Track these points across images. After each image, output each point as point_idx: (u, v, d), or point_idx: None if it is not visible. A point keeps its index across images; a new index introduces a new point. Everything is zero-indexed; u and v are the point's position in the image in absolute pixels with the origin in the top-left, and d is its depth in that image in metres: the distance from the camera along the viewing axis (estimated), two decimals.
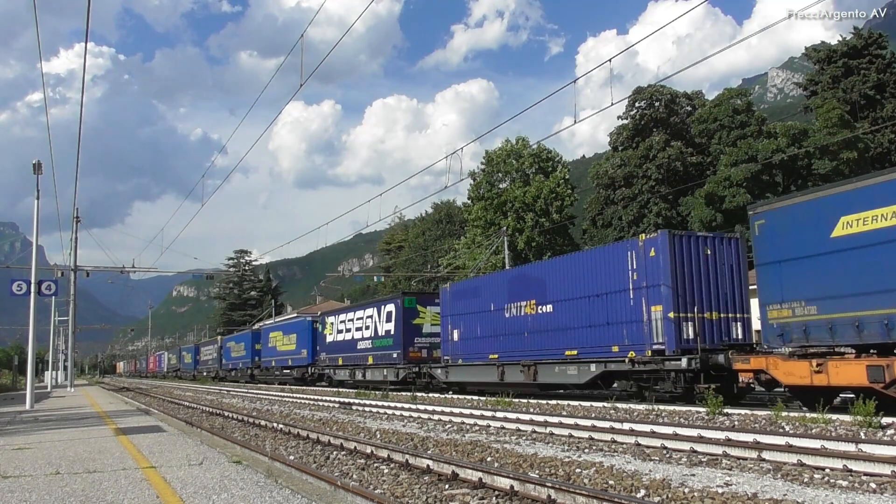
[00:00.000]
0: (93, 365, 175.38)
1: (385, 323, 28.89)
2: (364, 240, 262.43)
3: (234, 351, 56.08)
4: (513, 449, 10.15)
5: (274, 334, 44.99)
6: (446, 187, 22.71)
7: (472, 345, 23.19)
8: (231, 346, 57.90)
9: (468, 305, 23.70)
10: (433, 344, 26.89)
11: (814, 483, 7.08)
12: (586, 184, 57.47)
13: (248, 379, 50.18)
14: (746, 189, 42.20)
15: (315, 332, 37.50)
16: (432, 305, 27.50)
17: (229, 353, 57.60)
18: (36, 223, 23.47)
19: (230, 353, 57.22)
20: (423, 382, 26.75)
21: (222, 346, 60.46)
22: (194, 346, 76.09)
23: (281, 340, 43.15)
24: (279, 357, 43.21)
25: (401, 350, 27.25)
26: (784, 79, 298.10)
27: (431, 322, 27.34)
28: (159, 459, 8.71)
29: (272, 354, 44.89)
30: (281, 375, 42.61)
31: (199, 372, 68.84)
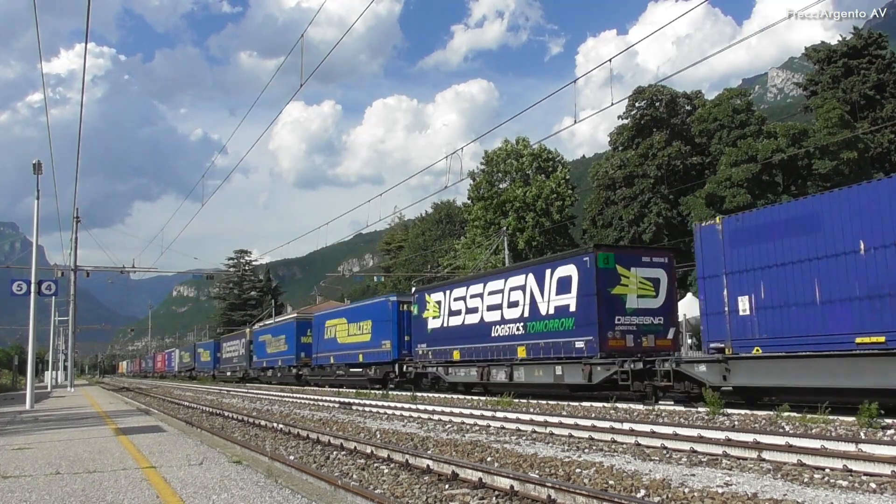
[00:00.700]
0: (93, 365, 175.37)
1: (556, 294, 19.31)
2: (364, 240, 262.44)
3: (269, 345, 46.10)
4: (513, 449, 10.15)
5: (334, 322, 36.06)
6: (446, 187, 22.63)
7: (798, 317, 13.24)
8: (266, 339, 47.32)
9: (784, 249, 13.62)
10: (644, 327, 18.03)
11: (814, 483, 7.08)
12: (586, 184, 57.48)
13: (292, 380, 41.34)
14: (747, 189, 42.21)
15: (403, 316, 28.65)
16: (641, 266, 18.38)
17: (263, 349, 47.54)
18: (36, 223, 23.48)
19: (264, 348, 47.25)
20: (644, 386, 16.47)
21: (252, 340, 50.91)
22: (214, 341, 66.48)
23: (345, 330, 34.23)
24: (342, 352, 34.44)
25: (594, 336, 17.71)
26: (784, 79, 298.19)
27: (640, 291, 18.16)
28: (159, 459, 8.71)
29: (330, 348, 36.04)
30: (348, 376, 33.70)
31: (220, 371, 60.61)
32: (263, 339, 47.75)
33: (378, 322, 30.40)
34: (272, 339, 45.79)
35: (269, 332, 47.14)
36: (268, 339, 46.79)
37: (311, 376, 39.15)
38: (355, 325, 33.15)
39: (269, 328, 49.20)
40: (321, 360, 37.57)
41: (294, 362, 40.88)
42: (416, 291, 27.89)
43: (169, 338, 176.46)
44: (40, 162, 23.05)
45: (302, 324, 40.93)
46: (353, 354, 32.94)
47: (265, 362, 46.93)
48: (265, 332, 48.73)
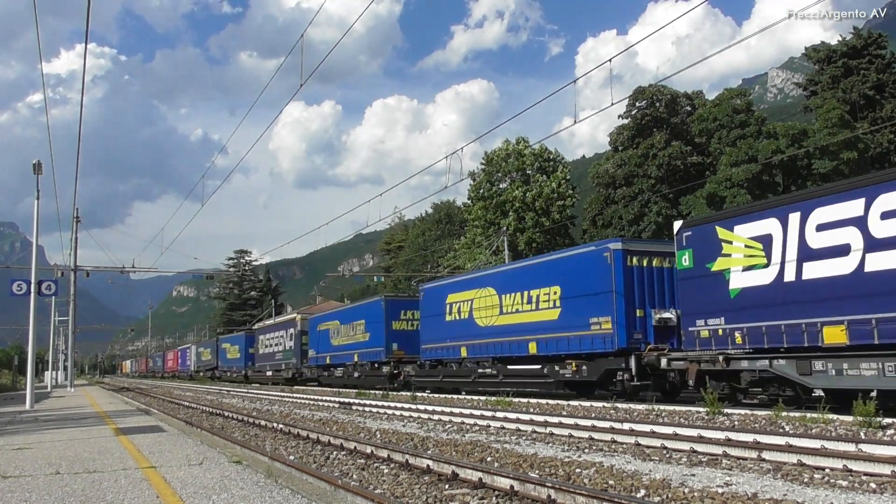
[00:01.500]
0: (93, 365, 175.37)
1: None
2: (364, 240, 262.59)
3: (335, 337, 35.30)
4: (513, 449, 10.15)
5: (467, 295, 23.85)
6: (446, 187, 22.39)
7: None
8: (331, 328, 35.96)
9: None
10: None
11: (814, 483, 7.08)
12: (586, 184, 57.48)
13: (380, 382, 29.38)
14: (747, 189, 42.22)
15: (634, 272, 17.46)
16: None
17: (324, 342, 36.79)
18: (36, 223, 23.48)
19: (325, 341, 36.68)
20: None
21: (307, 329, 40.08)
22: (245, 334, 55.41)
23: (494, 304, 22.21)
24: (489, 340, 22.27)
25: None
26: (784, 79, 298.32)
27: None
28: (159, 459, 8.71)
29: (460, 334, 23.87)
30: (510, 378, 21.42)
31: (254, 371, 50.00)
32: (326, 328, 36.94)
33: (592, 276, 18.06)
34: (341, 326, 34.77)
35: (337, 318, 35.98)
36: (333, 328, 35.72)
37: (420, 378, 26.82)
38: (521, 296, 20.95)
39: (338, 311, 38.39)
40: (437, 352, 25.29)
41: (382, 356, 29.42)
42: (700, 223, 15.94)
43: (169, 338, 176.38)
44: (40, 162, 23.05)
45: (394, 304, 29.92)
46: (518, 344, 20.75)
47: (329, 358, 36.21)
48: (324, 318, 38.21)
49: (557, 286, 19.44)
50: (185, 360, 77.92)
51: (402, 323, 29.55)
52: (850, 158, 41.76)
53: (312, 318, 40.23)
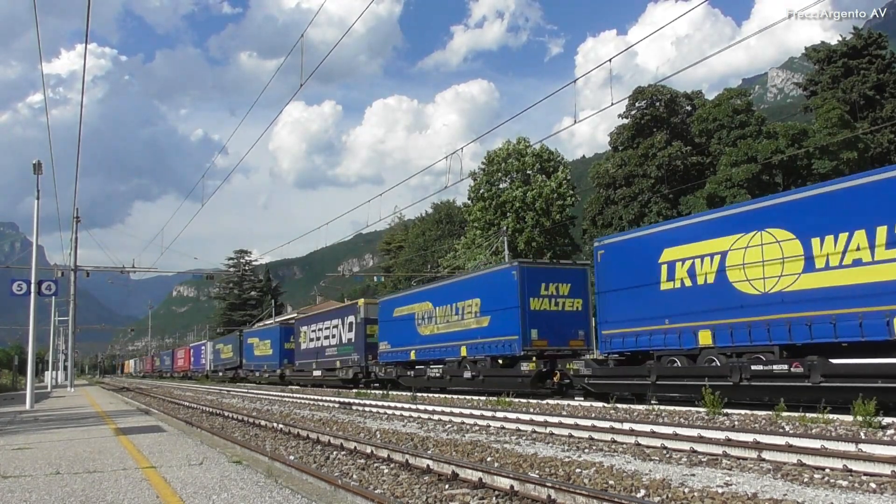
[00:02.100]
0: (93, 365, 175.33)
1: None
2: (364, 240, 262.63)
3: (426, 323, 26.03)
4: (513, 449, 10.15)
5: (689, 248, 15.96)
6: (446, 187, 22.26)
7: None
8: (415, 313, 26.80)
9: None
10: None
11: (814, 483, 7.08)
12: (586, 184, 57.48)
13: (527, 389, 20.21)
14: (747, 189, 42.22)
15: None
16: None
17: (405, 331, 27.28)
18: (36, 223, 23.48)
19: (407, 330, 27.18)
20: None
21: (372, 318, 31.09)
22: (279, 326, 46.61)
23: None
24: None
25: None
26: (784, 79, 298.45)
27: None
28: (159, 459, 8.71)
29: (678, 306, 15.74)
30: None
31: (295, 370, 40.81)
32: (408, 313, 27.19)
33: None
34: (436, 309, 25.19)
35: (428, 298, 26.20)
36: (422, 310, 26.24)
37: (604, 377, 17.88)
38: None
39: (428, 289, 27.43)
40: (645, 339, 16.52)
41: (516, 348, 20.51)
42: None
43: (169, 338, 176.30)
44: (40, 162, 23.05)
45: (532, 273, 20.89)
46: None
47: (415, 353, 26.33)
48: (414, 298, 27.45)
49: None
50: (198, 359, 69.24)
51: (544, 301, 20.46)
52: (849, 158, 41.77)
53: (385, 302, 30.35)
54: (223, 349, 59.69)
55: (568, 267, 22.64)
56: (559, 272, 21.67)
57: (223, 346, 60.51)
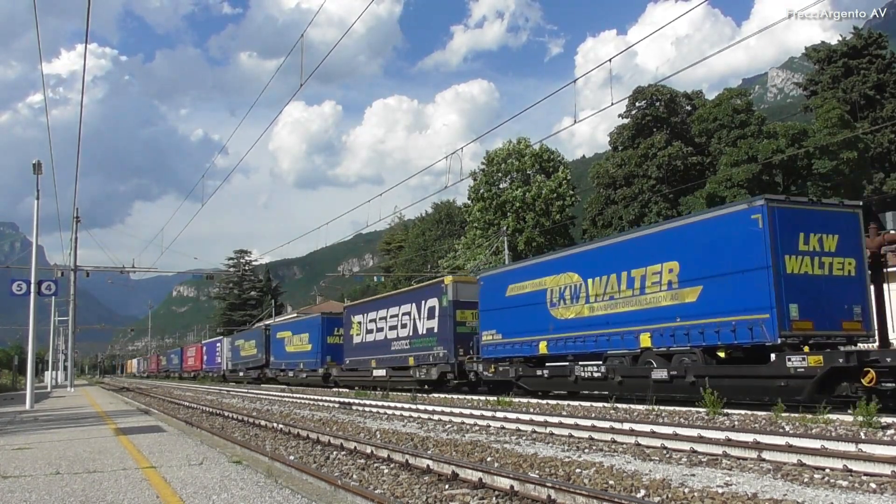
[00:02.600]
0: (93, 365, 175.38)
1: None
2: (364, 240, 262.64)
3: (568, 303, 18.59)
4: (513, 449, 10.15)
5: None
6: (446, 187, 22.24)
7: None
8: (548, 289, 19.37)
9: None
10: None
11: (814, 483, 7.07)
12: (586, 184, 57.53)
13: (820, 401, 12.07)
14: (747, 189, 42.23)
15: None
16: None
17: (527, 316, 20.10)
18: (36, 223, 23.49)
19: (530, 314, 19.99)
20: None
21: (462, 300, 24.45)
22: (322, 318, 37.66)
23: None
24: None
25: None
26: (784, 79, 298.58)
27: None
28: (159, 459, 8.71)
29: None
30: None
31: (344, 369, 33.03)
32: (533, 289, 20.08)
33: None
34: (586, 282, 18.11)
35: (572, 267, 18.81)
36: (563, 285, 18.92)
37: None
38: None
39: (570, 255, 19.54)
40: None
41: (762, 334, 13.50)
42: None
43: (169, 338, 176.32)
44: (40, 162, 23.06)
45: (793, 215, 13.95)
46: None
47: (547, 344, 19.38)
48: (544, 267, 20.06)
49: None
50: (213, 357, 61.62)
51: (804, 261, 13.83)
52: (849, 158, 41.80)
53: (490, 277, 22.72)
54: (244, 346, 51.54)
55: (834, 209, 14.69)
56: (823, 217, 14.34)
57: (244, 342, 52.04)
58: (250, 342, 50.19)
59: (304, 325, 40.49)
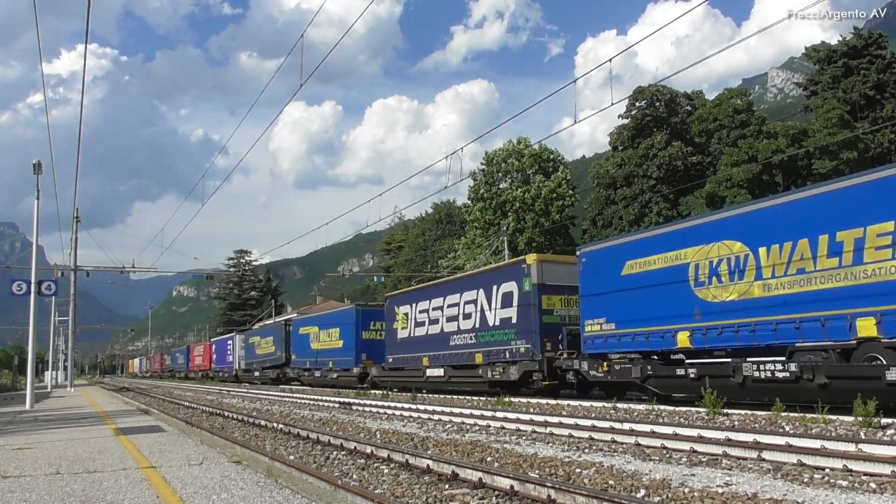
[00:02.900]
0: (93, 365, 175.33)
1: None
2: (364, 240, 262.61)
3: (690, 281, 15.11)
4: (513, 449, 10.15)
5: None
6: (446, 187, 22.21)
7: None
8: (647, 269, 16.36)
9: None
10: None
11: (814, 483, 7.08)
12: (586, 184, 57.51)
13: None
14: (747, 189, 42.23)
15: None
16: None
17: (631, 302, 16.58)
18: (36, 223, 23.49)
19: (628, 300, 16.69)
20: None
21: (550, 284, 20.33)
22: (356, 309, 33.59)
23: None
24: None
25: None
26: (784, 79, 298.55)
27: None
28: (159, 459, 8.71)
29: None
30: None
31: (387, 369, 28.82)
32: (671, 265, 15.91)
33: None
34: (754, 254, 14.04)
35: (734, 233, 14.53)
36: (716, 257, 14.82)
37: None
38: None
39: (727, 218, 15.10)
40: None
41: None
42: None
43: (169, 338, 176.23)
44: (40, 162, 23.05)
45: None
46: None
47: (689, 334, 15.17)
48: (681, 237, 15.87)
49: None
50: (223, 356, 56.96)
51: None
52: (849, 158, 41.78)
53: (595, 253, 18.63)
54: (260, 343, 46.62)
55: None
56: None
57: (259, 339, 47.20)
58: (267, 339, 44.84)
59: (333, 318, 35.60)
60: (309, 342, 38.11)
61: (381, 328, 31.00)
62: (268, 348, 44.70)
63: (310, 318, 41.35)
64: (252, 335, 50.67)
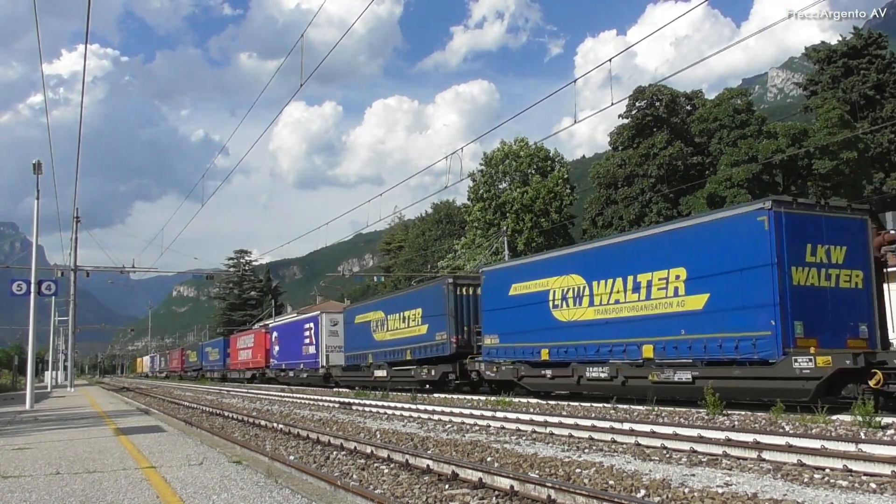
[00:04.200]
0: (93, 365, 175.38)
1: None
2: (364, 240, 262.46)
3: None
4: (513, 449, 10.14)
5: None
6: (446, 187, 22.19)
7: None
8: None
9: None
10: None
11: (814, 483, 7.07)
12: (586, 184, 57.52)
13: None
14: (747, 189, 42.25)
15: None
16: None
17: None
18: (36, 223, 23.49)
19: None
20: None
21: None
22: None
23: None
24: None
25: None
26: (784, 79, 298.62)
27: None
28: (159, 459, 8.71)
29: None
30: None
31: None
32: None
33: None
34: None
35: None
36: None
37: None
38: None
39: None
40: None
41: None
42: None
43: (169, 338, 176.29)
44: (40, 162, 23.06)
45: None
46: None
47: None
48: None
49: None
50: (292, 348, 39.54)
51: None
52: (849, 158, 41.80)
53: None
54: (384, 321, 28.83)
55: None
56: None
57: (381, 314, 29.28)
58: (410, 312, 26.74)
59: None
60: (520, 311, 20.88)
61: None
62: (408, 328, 26.88)
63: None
64: (360, 311, 32.10)
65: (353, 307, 35.43)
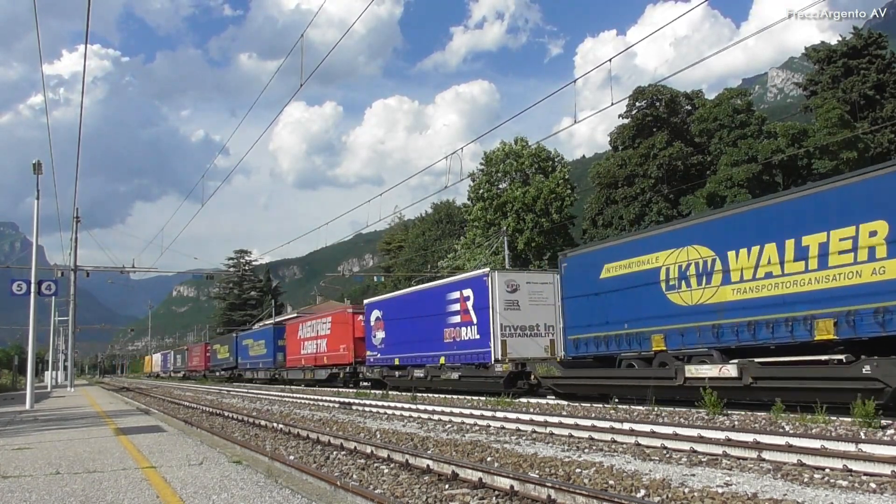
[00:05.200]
0: (93, 365, 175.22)
1: None
2: (364, 240, 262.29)
3: None
4: (513, 449, 10.14)
5: None
6: (446, 187, 22.11)
7: None
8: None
9: None
10: None
11: (814, 483, 7.07)
12: (586, 184, 57.51)
13: None
14: (747, 189, 42.24)
15: None
16: None
17: None
18: (36, 223, 23.48)
19: None
20: None
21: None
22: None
23: None
24: None
25: None
26: (784, 79, 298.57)
27: None
28: (159, 459, 8.71)
29: None
30: None
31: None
32: None
33: None
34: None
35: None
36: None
37: None
38: None
39: None
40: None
41: None
42: None
43: (169, 338, 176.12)
44: (40, 162, 23.05)
45: None
46: None
47: None
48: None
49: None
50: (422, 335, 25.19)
51: None
52: (849, 158, 41.78)
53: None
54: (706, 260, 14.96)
55: None
56: None
57: (707, 251, 14.79)
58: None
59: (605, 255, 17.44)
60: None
61: None
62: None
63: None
64: (612, 255, 17.74)
65: (598, 247, 19.36)
